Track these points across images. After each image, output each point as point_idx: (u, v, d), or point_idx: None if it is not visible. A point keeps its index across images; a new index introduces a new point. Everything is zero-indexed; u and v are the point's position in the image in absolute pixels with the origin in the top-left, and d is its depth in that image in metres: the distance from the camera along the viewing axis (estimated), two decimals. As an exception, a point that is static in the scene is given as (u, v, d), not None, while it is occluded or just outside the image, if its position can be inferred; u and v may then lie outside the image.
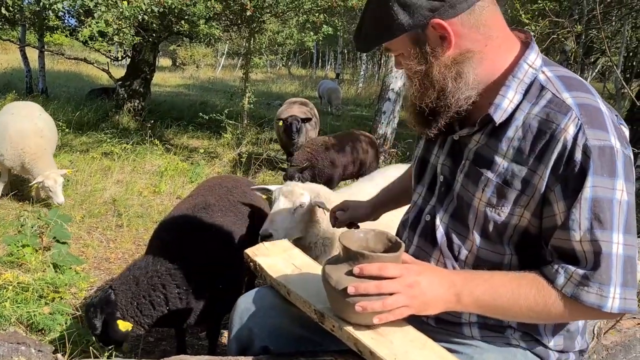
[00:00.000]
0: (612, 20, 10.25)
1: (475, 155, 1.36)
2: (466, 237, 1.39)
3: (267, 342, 1.55)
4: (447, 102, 1.32)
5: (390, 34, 1.30)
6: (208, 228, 2.74)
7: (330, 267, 1.32)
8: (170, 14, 8.29)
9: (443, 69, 1.30)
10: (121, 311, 2.46)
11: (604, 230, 1.18)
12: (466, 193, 1.37)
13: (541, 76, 1.30)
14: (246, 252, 1.76)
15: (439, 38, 1.28)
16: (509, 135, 1.29)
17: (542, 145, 1.23)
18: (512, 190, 1.28)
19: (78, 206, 5.62)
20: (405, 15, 1.26)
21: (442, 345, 1.29)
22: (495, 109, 1.30)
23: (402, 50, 1.35)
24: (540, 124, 1.24)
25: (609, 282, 1.18)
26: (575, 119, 1.20)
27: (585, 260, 1.20)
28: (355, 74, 28.71)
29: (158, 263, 2.54)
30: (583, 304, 1.20)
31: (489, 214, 1.33)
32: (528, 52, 1.33)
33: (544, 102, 1.26)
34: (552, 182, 1.22)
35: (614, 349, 2.12)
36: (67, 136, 8.54)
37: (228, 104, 10.49)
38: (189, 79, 25.22)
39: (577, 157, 1.18)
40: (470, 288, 1.27)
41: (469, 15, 1.26)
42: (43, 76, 13.21)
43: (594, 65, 13.69)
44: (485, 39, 1.30)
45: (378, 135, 8.11)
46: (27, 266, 3.65)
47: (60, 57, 14.30)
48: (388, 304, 1.22)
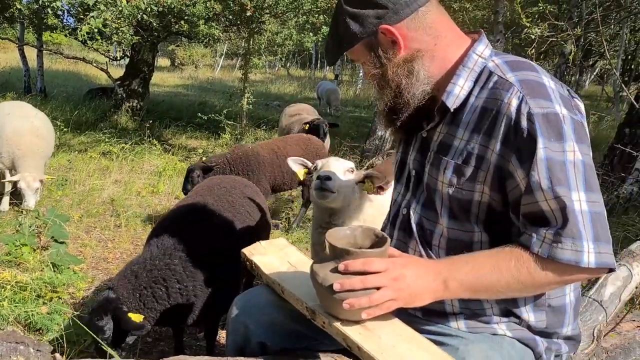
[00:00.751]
0: (611, 24, 10.28)
1: (439, 145, 1.46)
2: (436, 222, 1.47)
3: (264, 337, 1.57)
4: (404, 98, 1.43)
5: (348, 44, 1.45)
6: (206, 227, 2.74)
7: (317, 265, 1.34)
8: (170, 14, 8.30)
9: (396, 69, 1.42)
10: (127, 304, 2.42)
11: (561, 186, 1.22)
12: (431, 180, 1.46)
13: (490, 64, 1.40)
14: (243, 252, 1.78)
15: (391, 42, 1.40)
16: (465, 119, 1.39)
17: (490, 121, 1.32)
18: (468, 167, 1.36)
19: (76, 206, 5.62)
20: (356, 25, 1.40)
21: (429, 338, 1.31)
22: (447, 96, 1.41)
23: (362, 58, 1.48)
24: (488, 104, 1.34)
25: (580, 236, 1.21)
26: (518, 92, 1.29)
27: (554, 219, 1.24)
28: (354, 75, 28.70)
29: (156, 259, 2.54)
30: (560, 262, 1.22)
31: (452, 194, 1.40)
32: (476, 44, 1.43)
33: (491, 84, 1.36)
34: (507, 154, 1.29)
35: (613, 352, 2.12)
36: (66, 136, 8.53)
37: (227, 104, 10.50)
38: (187, 79, 25.22)
39: (524, 125, 1.26)
40: (454, 273, 1.30)
41: (413, 20, 1.38)
42: (41, 75, 13.20)
43: (593, 68, 13.73)
44: (434, 39, 1.41)
45: (377, 137, 8.12)
46: (25, 265, 3.64)
47: (59, 56, 14.28)
48: (375, 299, 1.24)
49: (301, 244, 5.12)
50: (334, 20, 1.47)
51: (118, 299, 2.41)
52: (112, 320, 2.37)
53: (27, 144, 5.27)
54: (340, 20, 1.43)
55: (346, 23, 1.41)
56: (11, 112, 5.52)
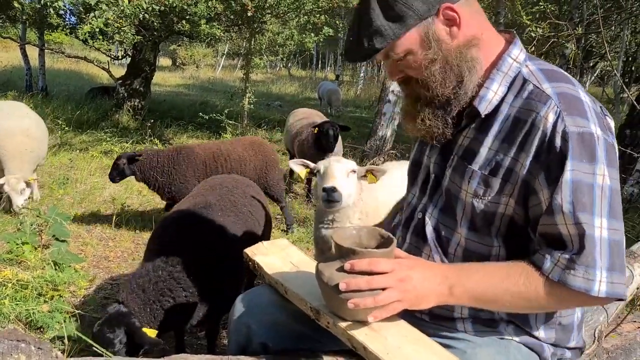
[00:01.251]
0: (612, 25, 10.28)
1: (464, 150, 1.39)
2: (454, 230, 1.42)
3: (266, 338, 1.56)
4: (464, 89, 1.34)
5: (407, 25, 1.28)
6: (208, 227, 2.73)
7: (323, 265, 1.33)
8: (172, 13, 8.30)
9: (459, 56, 1.32)
10: (139, 319, 2.39)
11: (584, 213, 1.19)
12: (453, 186, 1.40)
13: (524, 70, 1.34)
14: (245, 252, 1.78)
15: (447, 25, 1.30)
16: (495, 128, 1.33)
17: (523, 133, 1.26)
18: (496, 180, 1.31)
19: (77, 204, 5.62)
20: (420, 3, 1.26)
21: (436, 341, 1.30)
22: (480, 101, 1.34)
23: (411, 46, 1.32)
24: (521, 114, 1.28)
25: (594, 264, 1.19)
26: (555, 107, 1.23)
27: (572, 244, 1.21)
28: (355, 76, 28.70)
29: (159, 269, 2.51)
30: (570, 288, 1.20)
31: (476, 205, 1.35)
32: (512, 47, 1.37)
33: (526, 93, 1.30)
34: (535, 170, 1.25)
35: (614, 352, 2.12)
36: (67, 134, 8.54)
37: (228, 104, 10.49)
38: (189, 79, 25.22)
39: (557, 143, 1.21)
40: (462, 280, 1.29)
41: (467, 3, 1.31)
42: (43, 74, 13.21)
43: (593, 69, 13.72)
44: (481, 28, 1.35)
45: (378, 137, 8.12)
46: (27, 264, 3.64)
47: (61, 55, 14.28)
48: (380, 300, 1.23)
49: (302, 243, 5.12)
50: (382, 2, 1.28)
51: (130, 314, 2.37)
52: (125, 335, 2.32)
53: (14, 144, 5.14)
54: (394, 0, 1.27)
55: (407, 2, 1.26)
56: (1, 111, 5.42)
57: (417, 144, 1.64)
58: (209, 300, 2.57)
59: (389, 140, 8.26)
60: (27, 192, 5.16)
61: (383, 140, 8.16)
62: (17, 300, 3.18)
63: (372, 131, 8.28)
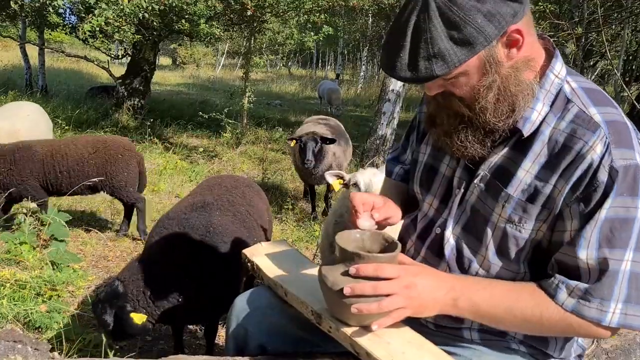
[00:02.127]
0: (612, 24, 10.25)
1: (497, 168, 1.30)
2: (477, 252, 1.35)
3: (264, 341, 1.55)
4: (515, 116, 1.23)
5: (473, 50, 1.11)
6: (208, 225, 2.73)
7: (326, 268, 1.31)
8: (171, 12, 8.29)
9: (515, 81, 1.21)
10: (132, 303, 2.41)
11: (613, 249, 1.15)
12: (484, 207, 1.32)
13: (566, 87, 1.26)
14: (244, 252, 1.76)
15: (506, 45, 1.18)
16: (535, 150, 1.24)
17: (566, 161, 1.19)
18: (534, 207, 1.24)
19: (77, 204, 5.61)
20: (491, 26, 1.10)
21: (441, 348, 1.28)
22: (524, 122, 1.24)
23: (468, 69, 1.18)
24: (566, 140, 1.20)
25: (611, 297, 1.16)
26: (604, 137, 1.16)
27: (588, 276, 1.18)
28: (355, 75, 28.70)
29: (168, 253, 2.53)
30: (582, 318, 1.19)
31: (509, 231, 1.28)
32: (554, 61, 1.28)
33: (570, 116, 1.21)
34: (570, 199, 1.19)
35: (613, 353, 2.11)
36: (67, 134, 8.52)
37: (228, 103, 10.49)
38: (189, 78, 25.22)
39: (602, 179, 1.15)
40: (468, 294, 1.26)
41: (527, 16, 1.17)
42: (43, 74, 13.19)
43: (594, 68, 13.70)
44: (533, 42, 1.24)
45: (377, 136, 8.10)
46: (25, 264, 3.63)
47: (61, 54, 14.27)
48: (384, 306, 1.21)
49: (301, 242, 5.12)
50: (446, 21, 1.11)
51: (125, 296, 2.39)
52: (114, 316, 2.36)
53: None
54: (463, 19, 1.09)
55: (477, 24, 1.09)
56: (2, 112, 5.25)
57: (428, 147, 1.53)
58: (207, 298, 2.57)
59: (389, 140, 8.24)
60: None
61: (383, 140, 8.14)
62: (15, 300, 3.18)
63: (372, 130, 8.26)
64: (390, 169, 1.79)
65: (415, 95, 19.36)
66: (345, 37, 25.34)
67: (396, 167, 1.77)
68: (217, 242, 2.65)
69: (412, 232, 1.53)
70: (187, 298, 2.52)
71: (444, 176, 1.45)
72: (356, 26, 23.53)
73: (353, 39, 26.75)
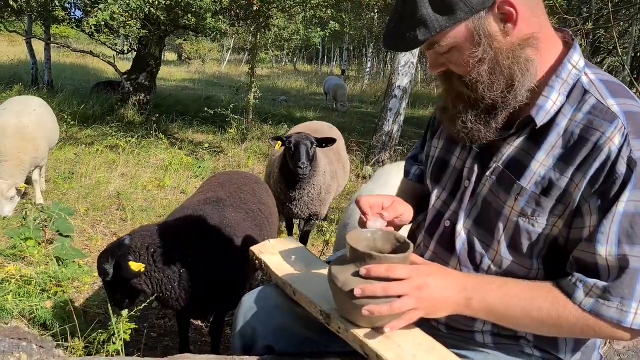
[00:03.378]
0: (621, 20, 10.18)
1: (510, 160, 1.27)
2: (490, 246, 1.32)
3: (271, 341, 1.53)
4: (514, 94, 1.20)
5: (454, 16, 1.13)
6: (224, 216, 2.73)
7: (337, 268, 1.28)
8: (177, 7, 8.26)
9: (511, 54, 1.18)
10: (134, 255, 2.42)
11: (634, 246, 1.12)
12: (496, 200, 1.29)
13: (584, 78, 1.22)
14: (252, 250, 1.74)
15: (500, 20, 1.16)
16: (551, 141, 1.21)
17: (583, 154, 1.16)
18: (549, 200, 1.21)
19: (82, 199, 5.61)
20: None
21: (452, 351, 1.25)
22: (537, 111, 1.21)
23: (458, 40, 1.18)
24: (583, 132, 1.17)
25: (632, 296, 1.12)
26: (622, 128, 1.13)
27: (608, 274, 1.14)
28: (361, 71, 28.66)
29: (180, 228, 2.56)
30: (601, 318, 1.15)
31: (522, 224, 1.25)
32: (572, 51, 1.24)
33: (587, 107, 1.18)
34: (588, 194, 1.16)
35: (626, 355, 2.08)
36: (73, 129, 8.53)
37: (233, 99, 10.45)
38: (194, 74, 25.25)
39: (620, 170, 1.12)
40: (482, 294, 1.23)
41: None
42: (49, 69, 13.22)
43: (602, 65, 13.64)
44: (540, 26, 1.20)
45: (384, 133, 8.07)
46: (30, 259, 3.63)
47: (67, 49, 14.28)
48: (396, 307, 1.18)
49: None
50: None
51: (129, 247, 2.41)
52: (114, 266, 2.39)
53: (6, 146, 4.71)
54: None
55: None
56: (8, 107, 5.12)
57: (441, 141, 1.51)
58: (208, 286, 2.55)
59: (395, 136, 8.21)
60: (15, 200, 4.80)
61: (389, 136, 8.10)
62: (20, 296, 3.17)
63: (378, 127, 8.23)
64: (408, 169, 1.77)
65: (422, 92, 19.32)
66: (352, 33, 25.29)
67: (413, 167, 1.75)
68: (229, 234, 2.63)
69: (421, 226, 1.51)
70: (188, 278, 2.50)
71: (454, 168, 1.43)
72: (362, 22, 23.49)
73: (359, 35, 26.70)
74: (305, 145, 3.96)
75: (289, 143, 3.97)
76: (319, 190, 4.32)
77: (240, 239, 2.67)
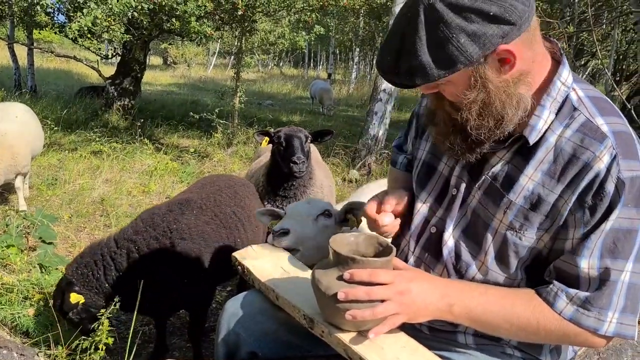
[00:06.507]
0: (603, 23, 10.31)
1: (499, 174, 1.29)
2: (476, 257, 1.34)
3: (255, 347, 1.53)
4: (502, 129, 1.23)
5: (455, 68, 1.11)
6: (174, 220, 2.77)
7: (320, 272, 1.29)
8: (161, 12, 8.23)
9: (504, 97, 1.19)
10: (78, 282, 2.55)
11: (615, 260, 1.15)
12: (485, 212, 1.31)
13: (572, 95, 1.25)
14: (234, 255, 1.74)
15: (498, 61, 1.16)
16: (539, 156, 1.23)
17: (573, 171, 1.18)
18: (537, 215, 1.23)
19: (66, 205, 5.55)
20: (475, 47, 1.09)
21: (436, 354, 1.27)
22: (530, 131, 1.23)
23: (454, 80, 1.19)
24: (573, 150, 1.19)
25: (609, 307, 1.16)
26: (611, 148, 1.15)
27: (588, 285, 1.18)
28: (347, 74, 28.72)
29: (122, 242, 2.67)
30: (580, 327, 1.18)
31: (510, 237, 1.27)
32: (561, 68, 1.26)
33: (576, 125, 1.20)
34: (576, 208, 1.19)
35: (605, 353, 2.11)
36: (56, 134, 8.44)
37: (219, 103, 10.44)
38: (180, 78, 25.13)
39: (609, 190, 1.14)
40: (464, 300, 1.25)
41: (527, 34, 1.15)
42: (32, 74, 13.08)
43: (585, 67, 13.78)
44: (534, 56, 1.21)
45: (369, 136, 8.09)
46: (12, 267, 3.58)
47: (50, 54, 14.14)
48: (378, 312, 1.19)
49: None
50: (431, 36, 1.10)
51: (71, 280, 2.55)
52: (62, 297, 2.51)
53: None
54: (447, 37, 1.08)
55: (460, 43, 1.08)
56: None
57: (427, 144, 1.52)
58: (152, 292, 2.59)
59: (381, 140, 8.23)
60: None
61: (375, 140, 8.13)
62: (2, 304, 3.13)
63: (363, 130, 8.25)
64: (395, 159, 1.79)
65: (408, 95, 19.40)
66: (337, 36, 25.36)
67: (400, 156, 1.77)
68: (173, 240, 2.68)
69: (405, 231, 1.52)
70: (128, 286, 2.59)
71: (441, 175, 1.44)
72: (348, 26, 23.56)
73: (345, 40, 26.77)
74: (299, 139, 3.44)
75: (278, 138, 3.47)
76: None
77: (195, 243, 2.72)
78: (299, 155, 3.34)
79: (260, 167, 3.92)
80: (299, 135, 3.47)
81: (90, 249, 2.68)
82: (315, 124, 11.93)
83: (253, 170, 4.12)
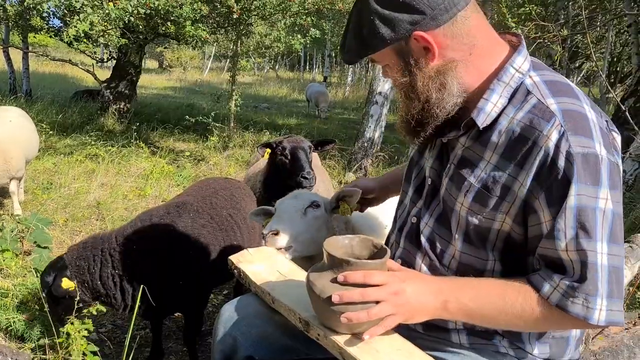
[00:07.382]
0: (597, 26, 10.37)
1: (460, 159, 1.35)
2: (449, 242, 1.39)
3: (252, 351, 1.53)
4: (432, 112, 1.32)
5: (372, 48, 1.30)
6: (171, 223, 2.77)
7: (314, 275, 1.29)
8: (157, 16, 8.22)
9: (427, 81, 1.29)
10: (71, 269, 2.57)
11: (589, 240, 1.16)
12: (449, 197, 1.37)
13: (528, 80, 1.28)
14: (230, 259, 1.74)
15: (423, 50, 1.27)
16: (493, 140, 1.27)
17: (524, 151, 1.21)
18: (492, 197, 1.27)
19: (61, 209, 5.54)
20: (387, 29, 1.25)
21: (430, 354, 1.27)
22: (478, 113, 1.28)
23: (387, 62, 1.35)
24: (522, 130, 1.22)
25: (595, 293, 1.17)
26: (559, 125, 1.18)
27: (572, 270, 1.19)
28: (343, 77, 28.74)
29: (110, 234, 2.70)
30: (567, 313, 1.19)
31: (470, 219, 1.32)
32: (515, 55, 1.31)
33: (528, 107, 1.24)
34: (536, 190, 1.21)
35: (601, 355, 2.12)
36: (51, 138, 8.42)
37: (215, 106, 10.42)
38: (175, 82, 25.11)
39: (560, 164, 1.16)
40: (457, 295, 1.26)
41: (451, 26, 1.25)
42: (27, 78, 13.04)
43: (579, 70, 13.84)
44: (470, 48, 1.28)
45: (365, 139, 8.10)
46: (7, 271, 3.57)
47: (45, 58, 14.11)
48: (373, 314, 1.20)
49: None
50: (358, 16, 1.30)
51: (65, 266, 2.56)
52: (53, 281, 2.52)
53: None
54: (367, 19, 1.27)
55: (374, 24, 1.25)
56: None
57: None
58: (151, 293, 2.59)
59: (377, 142, 8.25)
60: None
61: (371, 142, 8.14)
62: (-3, 309, 3.12)
63: (359, 133, 8.26)
64: None
65: (403, 98, 19.39)
66: (333, 39, 25.39)
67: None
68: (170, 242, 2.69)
69: (394, 225, 1.59)
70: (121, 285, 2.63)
71: (421, 167, 1.52)
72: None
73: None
74: (304, 151, 3.44)
75: (282, 150, 3.43)
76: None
77: (190, 246, 2.73)
78: (309, 170, 3.35)
79: (256, 173, 3.92)
80: (303, 147, 3.47)
81: (94, 241, 2.67)
82: (311, 126, 11.92)
83: (250, 174, 4.16)
